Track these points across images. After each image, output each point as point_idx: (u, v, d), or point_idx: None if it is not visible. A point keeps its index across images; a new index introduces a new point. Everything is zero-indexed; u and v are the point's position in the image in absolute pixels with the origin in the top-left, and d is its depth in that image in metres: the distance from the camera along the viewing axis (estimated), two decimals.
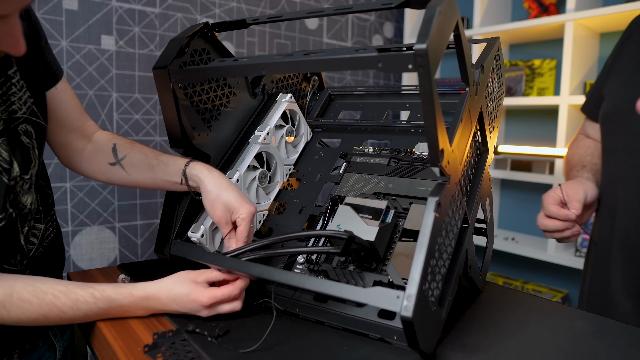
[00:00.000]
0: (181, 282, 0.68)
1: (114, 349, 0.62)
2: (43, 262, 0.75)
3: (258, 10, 1.94)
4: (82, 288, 0.66)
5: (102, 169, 0.82)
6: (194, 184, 0.77)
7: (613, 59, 0.91)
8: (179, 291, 0.67)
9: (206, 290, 0.67)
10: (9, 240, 0.67)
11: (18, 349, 0.72)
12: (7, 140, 0.65)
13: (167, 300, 0.68)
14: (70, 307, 0.64)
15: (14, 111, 0.67)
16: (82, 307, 0.65)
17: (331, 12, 0.71)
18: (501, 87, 0.83)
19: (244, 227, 0.74)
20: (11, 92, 0.67)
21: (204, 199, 0.75)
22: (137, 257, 1.71)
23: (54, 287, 0.65)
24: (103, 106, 1.60)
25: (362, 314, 0.66)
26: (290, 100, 0.95)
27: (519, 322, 0.70)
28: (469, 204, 0.72)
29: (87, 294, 0.65)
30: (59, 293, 0.64)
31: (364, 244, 0.67)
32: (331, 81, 2.22)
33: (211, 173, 0.76)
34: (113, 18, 1.59)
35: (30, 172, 0.69)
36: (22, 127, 0.68)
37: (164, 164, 0.79)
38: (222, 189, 0.74)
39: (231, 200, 0.74)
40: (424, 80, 0.52)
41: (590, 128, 1.00)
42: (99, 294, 0.66)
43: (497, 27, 1.93)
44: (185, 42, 0.77)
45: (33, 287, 0.64)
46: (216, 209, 0.74)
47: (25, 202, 0.69)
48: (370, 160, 0.87)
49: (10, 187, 0.66)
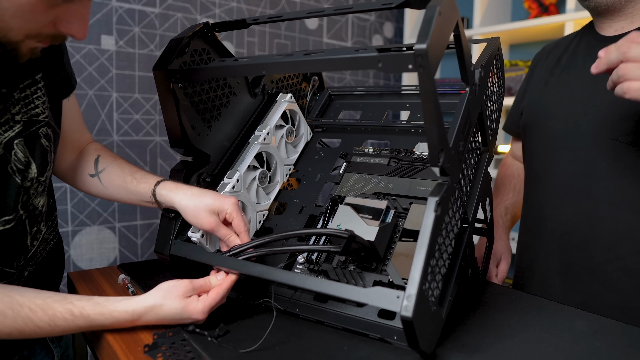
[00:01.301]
0: (169, 299, 0.63)
1: (114, 349, 0.62)
2: (44, 268, 0.75)
3: (258, 10, 1.94)
4: (61, 303, 0.61)
5: (82, 179, 0.82)
6: (167, 203, 0.75)
7: (526, 84, 1.09)
8: (169, 310, 0.63)
9: (199, 305, 0.63)
10: (16, 242, 0.67)
11: (16, 355, 0.72)
12: (26, 141, 0.66)
13: (155, 319, 0.64)
14: (47, 323, 0.60)
15: (36, 114, 0.67)
16: (60, 323, 0.60)
17: (331, 12, 0.71)
18: (501, 87, 0.83)
19: (238, 219, 0.73)
20: (36, 95, 0.68)
21: (185, 215, 0.73)
22: (137, 257, 1.71)
23: (31, 300, 0.60)
24: (103, 106, 1.60)
25: (362, 314, 0.66)
26: (290, 100, 0.95)
27: (519, 322, 0.70)
28: (469, 204, 0.72)
29: (65, 311, 0.60)
30: (36, 307, 0.60)
31: (364, 243, 0.67)
32: (331, 81, 2.22)
33: (179, 189, 0.74)
34: (113, 18, 1.59)
35: (45, 175, 0.69)
36: (43, 130, 0.68)
37: (136, 181, 0.78)
38: (195, 198, 0.73)
39: (210, 202, 0.72)
40: (424, 80, 0.52)
41: (516, 148, 1.15)
42: (78, 312, 0.61)
43: (497, 27, 1.93)
44: (185, 42, 0.77)
45: (9, 299, 0.59)
46: (201, 217, 0.72)
47: (37, 204, 0.69)
48: (370, 160, 0.87)
49: (26, 189, 0.66)
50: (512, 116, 1.12)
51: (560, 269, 0.92)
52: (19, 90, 0.65)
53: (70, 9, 0.55)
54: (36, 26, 0.54)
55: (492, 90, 0.77)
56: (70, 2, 0.54)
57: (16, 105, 0.64)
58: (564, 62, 0.99)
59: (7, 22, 0.52)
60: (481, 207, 0.79)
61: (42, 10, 0.53)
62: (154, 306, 0.63)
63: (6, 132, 0.63)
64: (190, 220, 0.73)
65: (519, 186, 1.12)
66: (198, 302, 0.64)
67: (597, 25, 0.95)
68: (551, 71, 1.00)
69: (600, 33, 0.94)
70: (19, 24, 0.53)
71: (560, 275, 0.92)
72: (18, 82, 0.65)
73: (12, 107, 0.64)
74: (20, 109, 0.65)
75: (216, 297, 0.65)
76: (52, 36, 0.57)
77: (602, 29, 0.93)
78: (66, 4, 0.54)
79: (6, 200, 0.63)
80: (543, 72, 1.03)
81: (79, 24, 0.57)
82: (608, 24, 0.92)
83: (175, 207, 0.74)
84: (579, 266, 0.89)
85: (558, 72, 0.98)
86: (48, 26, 0.55)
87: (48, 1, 0.52)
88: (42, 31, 0.56)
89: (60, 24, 0.56)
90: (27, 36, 0.55)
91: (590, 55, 0.92)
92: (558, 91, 0.96)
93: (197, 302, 0.64)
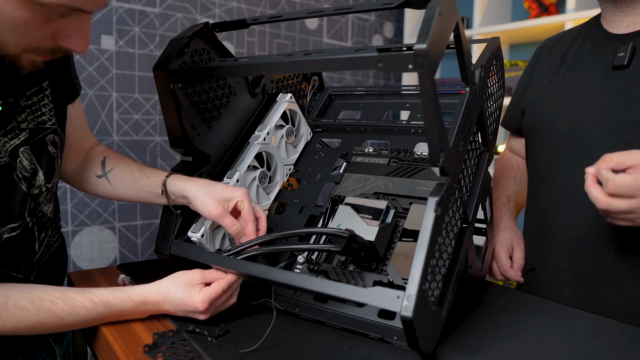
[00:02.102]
0: (177, 285, 0.66)
1: (114, 349, 0.62)
2: (48, 270, 0.75)
3: (258, 10, 1.94)
4: (80, 293, 0.64)
5: (89, 181, 0.83)
6: (177, 194, 0.76)
7: (528, 79, 1.04)
8: (174, 295, 0.66)
9: (200, 294, 0.65)
10: (24, 248, 0.67)
11: (20, 355, 0.72)
12: (32, 149, 0.65)
13: (165, 303, 0.66)
14: (69, 313, 0.63)
15: (43, 121, 0.67)
16: (81, 312, 0.64)
17: (331, 12, 0.71)
18: (501, 87, 0.83)
19: (247, 208, 0.73)
20: (43, 102, 0.67)
21: (195, 203, 0.74)
22: (137, 257, 1.71)
23: (50, 293, 0.63)
24: (103, 106, 1.60)
25: (362, 314, 0.66)
26: (290, 100, 0.95)
27: (519, 322, 0.70)
28: (469, 204, 0.72)
29: (85, 299, 0.64)
30: (56, 299, 0.63)
31: (365, 243, 0.67)
32: (331, 81, 2.22)
33: (191, 179, 0.76)
34: (113, 18, 1.59)
35: (52, 182, 0.69)
36: (50, 137, 0.69)
37: (146, 176, 0.79)
38: (206, 186, 0.74)
39: (220, 191, 0.73)
40: (424, 80, 0.52)
41: (515, 143, 1.14)
42: (98, 299, 0.64)
43: (497, 27, 1.93)
44: (185, 42, 0.77)
45: (29, 294, 0.62)
46: (209, 204, 0.72)
47: (46, 211, 0.70)
48: (370, 160, 0.87)
49: (34, 196, 0.66)
50: (512, 112, 1.09)
51: (570, 275, 0.89)
52: (25, 98, 0.65)
53: (68, 24, 0.53)
54: (33, 40, 0.53)
55: (492, 90, 0.77)
56: (67, 16, 0.52)
57: (22, 112, 0.64)
58: (569, 59, 0.95)
59: (2, 36, 0.51)
60: (481, 207, 0.79)
61: (37, 24, 0.51)
62: (163, 290, 0.66)
63: (12, 140, 0.63)
64: (198, 208, 0.74)
65: (520, 177, 1.09)
66: (199, 292, 0.65)
67: (606, 20, 0.90)
68: (555, 69, 0.97)
69: (608, 30, 0.90)
70: (14, 38, 0.51)
71: (570, 283, 0.89)
72: (24, 89, 0.65)
73: (18, 114, 0.64)
74: (26, 117, 0.65)
75: (217, 289, 0.65)
76: (52, 50, 0.56)
77: (612, 25, 0.89)
78: (63, 19, 0.52)
79: (12, 208, 0.63)
80: (546, 69, 0.99)
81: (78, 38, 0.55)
82: (620, 18, 0.87)
83: (186, 195, 0.75)
84: (590, 274, 0.86)
85: (563, 71, 0.95)
86: (47, 40, 0.54)
87: (43, 16, 0.50)
88: (41, 45, 0.54)
89: (60, 38, 0.54)
90: (25, 50, 0.54)
91: (597, 54, 0.89)
92: (564, 90, 0.93)
93: (198, 292, 0.65)
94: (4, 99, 0.61)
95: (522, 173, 1.09)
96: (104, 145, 0.87)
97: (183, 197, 0.76)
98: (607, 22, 0.90)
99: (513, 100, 1.09)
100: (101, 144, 0.88)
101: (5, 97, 0.61)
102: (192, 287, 0.66)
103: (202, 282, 0.67)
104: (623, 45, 0.84)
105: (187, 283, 0.66)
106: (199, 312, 0.65)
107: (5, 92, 0.61)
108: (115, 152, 0.86)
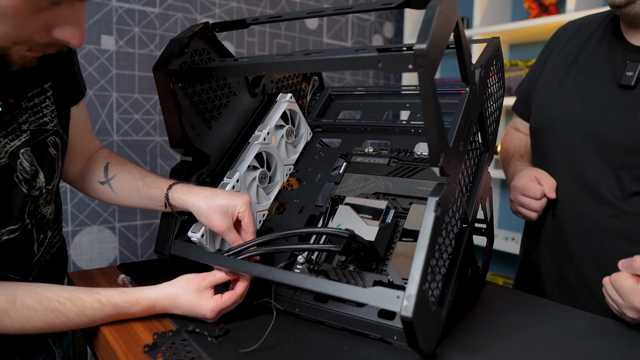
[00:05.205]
0: (186, 291, 0.67)
1: (114, 349, 0.62)
2: (47, 270, 0.75)
3: (258, 10, 1.94)
4: (88, 294, 0.65)
5: (92, 187, 0.83)
6: (180, 206, 0.76)
7: (540, 69, 1.03)
8: (183, 301, 0.66)
9: (210, 302, 0.65)
10: (22, 249, 0.67)
11: (18, 356, 0.72)
12: (33, 150, 0.65)
13: (174, 308, 0.67)
14: (77, 313, 0.63)
15: (44, 123, 0.67)
16: (89, 313, 0.64)
17: (331, 12, 0.71)
18: (501, 87, 0.83)
19: (248, 218, 0.73)
20: (45, 104, 0.67)
21: (198, 216, 0.74)
22: (137, 257, 1.71)
23: (58, 293, 0.63)
24: (103, 106, 1.60)
25: (362, 314, 0.66)
26: (290, 100, 0.95)
27: (519, 322, 0.70)
28: (469, 204, 0.72)
29: (93, 300, 0.64)
30: (64, 300, 0.63)
31: (365, 243, 0.67)
32: (331, 81, 2.22)
33: (192, 191, 0.75)
34: (113, 18, 1.59)
35: (52, 184, 0.69)
36: (52, 139, 0.68)
37: (148, 186, 0.78)
38: (207, 199, 0.73)
39: (223, 202, 0.72)
40: (424, 80, 0.52)
41: (520, 124, 1.14)
42: (106, 301, 0.65)
43: (497, 27, 1.93)
44: (185, 42, 0.77)
45: (37, 294, 0.62)
46: (214, 219, 0.72)
47: (45, 212, 0.69)
48: (370, 160, 0.87)
49: (34, 198, 0.66)
50: (522, 99, 1.08)
51: (558, 281, 0.93)
52: (26, 99, 0.65)
53: (61, 14, 0.50)
54: (24, 32, 0.50)
55: (492, 90, 0.77)
56: (58, 5, 0.49)
57: (24, 114, 0.64)
58: (582, 62, 0.93)
59: None
60: (481, 207, 0.79)
61: (27, 14, 0.48)
62: (172, 295, 0.67)
63: (12, 142, 0.63)
64: (203, 222, 0.74)
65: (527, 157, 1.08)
66: (210, 300, 0.66)
67: (627, 30, 0.88)
68: (567, 69, 0.95)
69: (624, 34, 0.88)
70: (4, 29, 0.48)
71: (558, 288, 0.93)
72: (26, 91, 0.65)
73: (19, 116, 0.63)
74: (27, 118, 0.64)
75: (228, 301, 0.66)
76: (45, 44, 0.53)
77: (633, 36, 0.87)
78: (55, 8, 0.49)
79: (11, 210, 0.63)
80: (559, 64, 0.98)
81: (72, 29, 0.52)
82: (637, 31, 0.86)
83: (189, 209, 0.75)
84: (574, 283, 0.90)
85: (574, 74, 0.94)
86: (40, 33, 0.51)
87: (32, 5, 0.47)
88: (33, 38, 0.51)
89: (53, 30, 0.51)
90: (16, 43, 0.51)
91: (609, 63, 0.88)
92: (570, 99, 0.92)
93: (209, 300, 0.66)
94: (5, 100, 0.61)
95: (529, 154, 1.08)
96: (107, 150, 0.87)
97: (186, 209, 0.76)
98: (628, 32, 0.89)
99: (524, 86, 1.08)
100: (104, 148, 0.88)
101: (6, 98, 0.61)
102: (201, 293, 0.66)
103: (210, 286, 0.67)
104: (633, 64, 0.84)
105: (195, 289, 0.66)
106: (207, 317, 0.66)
107: (6, 93, 0.61)
108: (118, 156, 0.85)
